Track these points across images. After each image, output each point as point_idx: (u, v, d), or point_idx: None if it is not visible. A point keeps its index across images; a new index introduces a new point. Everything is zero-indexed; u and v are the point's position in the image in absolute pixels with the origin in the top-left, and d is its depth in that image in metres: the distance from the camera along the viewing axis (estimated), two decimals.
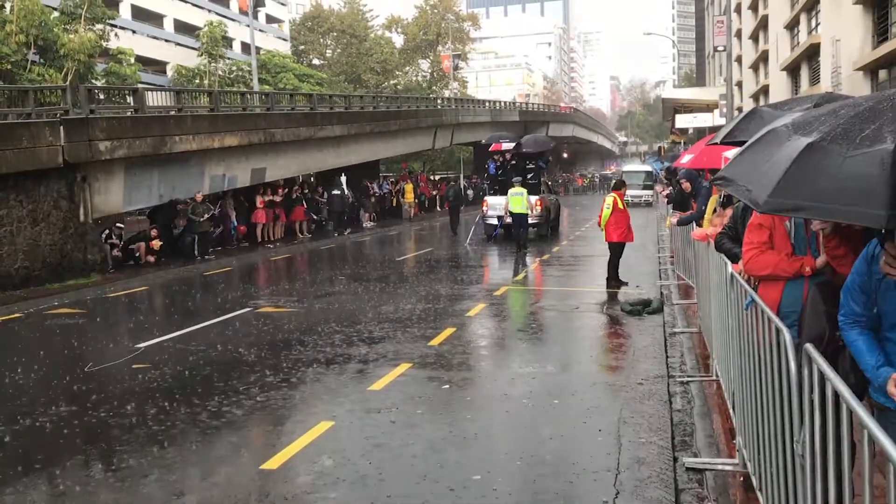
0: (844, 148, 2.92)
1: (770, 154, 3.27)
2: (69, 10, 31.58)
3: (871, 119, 3.04)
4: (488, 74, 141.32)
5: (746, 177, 3.46)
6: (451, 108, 43.90)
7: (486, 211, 24.45)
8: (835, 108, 3.46)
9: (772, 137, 3.48)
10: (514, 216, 21.40)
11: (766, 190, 3.06)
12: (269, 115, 24.97)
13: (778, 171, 3.04)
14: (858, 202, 2.76)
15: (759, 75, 29.70)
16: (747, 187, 3.40)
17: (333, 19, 70.30)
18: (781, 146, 3.21)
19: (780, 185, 2.99)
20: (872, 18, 14.78)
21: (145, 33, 53.09)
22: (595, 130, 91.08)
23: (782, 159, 3.08)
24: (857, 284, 3.36)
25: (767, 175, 3.13)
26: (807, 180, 2.94)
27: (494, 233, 23.97)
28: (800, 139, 3.12)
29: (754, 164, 3.45)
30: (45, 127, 16.48)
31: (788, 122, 3.50)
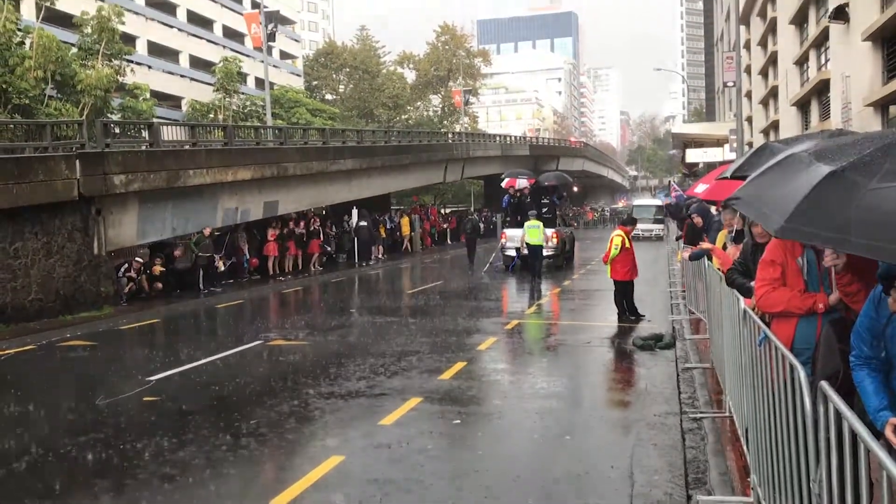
0: (867, 180, 2.87)
1: (789, 179, 3.22)
2: (87, 45, 32.11)
3: (889, 151, 3.01)
4: (499, 109, 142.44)
5: (763, 199, 3.45)
6: (461, 143, 44.18)
7: (505, 243, 25.33)
8: (855, 139, 3.46)
9: (791, 162, 3.46)
10: (530, 248, 22.15)
11: (783, 214, 3.00)
12: (282, 149, 25.19)
13: (797, 197, 2.98)
14: (880, 237, 2.70)
15: (769, 111, 29.80)
16: (763, 210, 3.37)
17: (346, 55, 71.18)
18: (801, 172, 3.17)
19: (798, 210, 2.93)
20: (882, 55, 14.86)
21: (161, 69, 53.87)
22: (605, 165, 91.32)
23: (802, 185, 3.02)
24: (865, 326, 3.36)
25: (786, 199, 3.08)
26: (827, 209, 2.87)
27: (512, 264, 24.77)
28: (821, 167, 3.07)
29: (772, 187, 3.42)
30: (62, 161, 16.67)
31: (810, 149, 3.47)
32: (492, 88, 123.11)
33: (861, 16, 15.60)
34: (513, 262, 24.76)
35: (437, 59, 71.99)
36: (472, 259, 28.29)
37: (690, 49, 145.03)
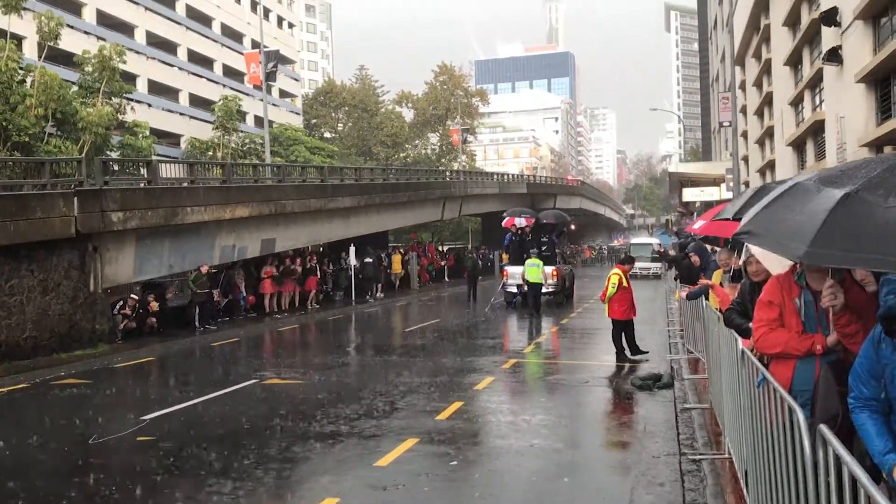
0: (883, 199, 2.88)
1: (800, 207, 3.19)
2: (88, 84, 32.37)
3: None
4: (496, 148, 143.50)
5: (776, 229, 3.41)
6: (459, 181, 44.39)
7: (506, 280, 26.07)
8: (859, 163, 3.45)
9: (799, 190, 3.44)
10: (529, 285, 22.82)
11: (804, 241, 2.96)
12: (280, 186, 25.28)
13: (815, 223, 2.95)
14: None
15: (764, 150, 30.01)
16: (779, 240, 3.33)
17: (345, 94, 71.89)
18: (812, 199, 3.16)
19: (819, 234, 2.89)
20: (875, 96, 15.02)
21: (161, 107, 54.30)
22: (602, 203, 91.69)
23: (817, 210, 3.00)
24: (864, 368, 3.33)
25: (802, 227, 3.04)
26: (847, 230, 2.86)
27: (513, 300, 25.58)
28: (832, 191, 3.06)
29: (783, 217, 3.39)
30: (60, 198, 16.71)
31: (814, 177, 3.47)
32: (489, 127, 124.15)
33: (854, 58, 15.81)
34: (514, 298, 25.46)
35: (436, 99, 72.67)
36: (472, 296, 28.92)
37: (686, 89, 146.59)
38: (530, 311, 22.79)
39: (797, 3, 21.94)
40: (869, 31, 15.48)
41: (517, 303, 25.31)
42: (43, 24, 29.28)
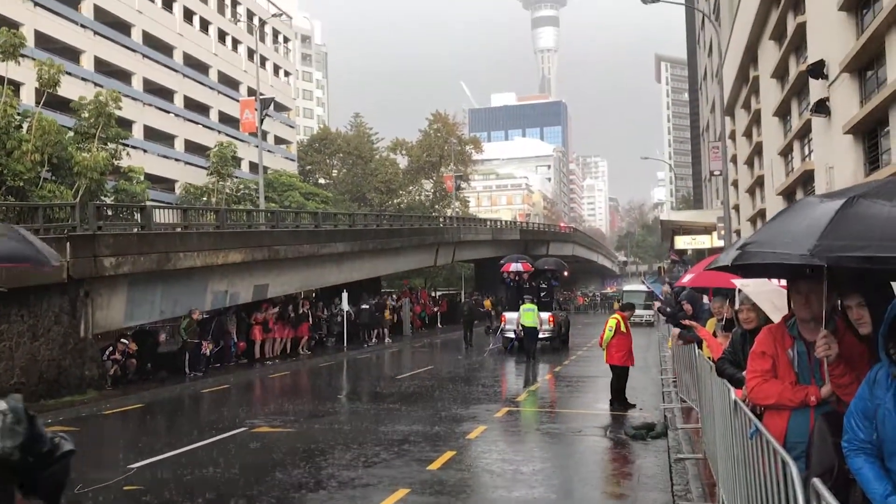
0: (886, 200, 2.97)
1: (804, 217, 3.24)
2: (84, 129, 32.58)
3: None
4: (490, 194, 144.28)
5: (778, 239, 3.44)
6: (452, 227, 44.54)
7: (504, 325, 26.60)
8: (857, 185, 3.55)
9: (802, 205, 3.52)
10: (525, 329, 23.30)
11: (810, 240, 2.98)
12: (273, 232, 25.32)
13: (821, 224, 2.99)
14: None
15: (755, 199, 30.26)
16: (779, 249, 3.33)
17: (340, 141, 72.49)
18: (816, 208, 3.22)
19: (827, 230, 2.94)
20: (863, 147, 15.22)
21: (156, 152, 54.58)
22: (595, 250, 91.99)
23: (823, 215, 3.04)
24: (860, 410, 3.30)
25: (809, 229, 3.07)
26: (856, 225, 2.91)
27: (511, 345, 26.00)
28: (836, 200, 3.13)
29: (786, 227, 3.43)
30: (52, 243, 16.65)
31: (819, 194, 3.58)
32: (483, 174, 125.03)
33: (841, 110, 16.06)
34: (511, 343, 25.93)
35: (430, 146, 73.30)
36: (468, 341, 29.45)
37: (677, 138, 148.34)
38: (526, 357, 23.00)
39: (785, 56, 22.35)
40: (855, 83, 15.75)
41: (514, 348, 25.65)
42: (43, 72, 29.56)
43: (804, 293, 4.30)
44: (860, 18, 15.52)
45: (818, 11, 18.09)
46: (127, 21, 51.82)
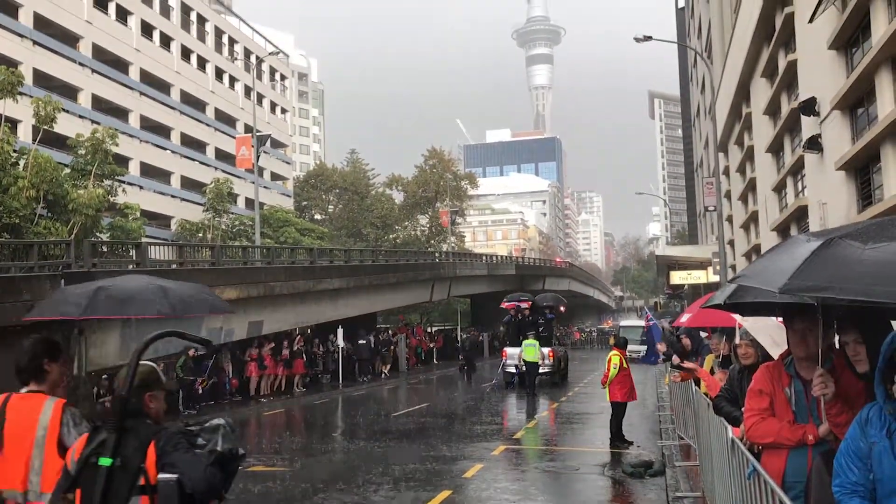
0: (862, 242, 3.11)
1: (789, 254, 3.40)
2: (80, 166, 32.65)
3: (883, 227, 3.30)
4: (485, 229, 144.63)
5: (763, 271, 3.59)
6: (448, 262, 44.57)
7: (506, 360, 27.05)
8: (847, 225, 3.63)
9: (790, 242, 3.67)
10: (527, 364, 24.00)
11: (785, 276, 3.13)
12: (269, 268, 25.30)
13: (798, 262, 3.15)
14: (876, 283, 2.88)
15: (750, 235, 30.37)
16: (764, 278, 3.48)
17: (336, 177, 72.77)
18: (801, 246, 3.36)
19: (799, 270, 3.08)
20: (856, 184, 15.32)
21: (152, 189, 54.70)
22: (591, 285, 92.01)
23: (802, 253, 3.21)
24: (851, 450, 3.27)
25: (787, 266, 3.22)
26: (827, 266, 3.05)
27: (512, 380, 26.41)
28: (819, 239, 3.30)
29: (773, 261, 3.58)
30: (46, 281, 16.64)
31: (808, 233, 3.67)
32: (478, 210, 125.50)
33: (833, 146, 16.20)
34: (512, 378, 26.42)
35: (425, 182, 73.59)
36: (469, 375, 30.31)
37: (671, 173, 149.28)
38: (527, 391, 23.60)
39: (777, 93, 22.59)
40: (847, 120, 15.91)
41: (515, 383, 26.16)
42: (40, 109, 29.72)
43: (800, 331, 4.31)
44: (850, 57, 15.72)
45: (808, 50, 18.34)
46: (125, 59, 52.26)
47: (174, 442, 3.33)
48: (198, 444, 3.40)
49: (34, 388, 4.23)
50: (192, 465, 3.27)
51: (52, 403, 4.16)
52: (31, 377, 4.25)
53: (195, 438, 3.43)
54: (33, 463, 4.06)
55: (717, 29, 37.14)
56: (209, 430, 3.50)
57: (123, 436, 3.32)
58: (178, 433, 3.42)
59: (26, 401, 4.18)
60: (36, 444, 4.07)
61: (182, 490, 3.22)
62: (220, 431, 3.52)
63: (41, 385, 4.25)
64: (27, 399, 4.19)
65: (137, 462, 3.28)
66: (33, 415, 4.11)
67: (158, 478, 3.24)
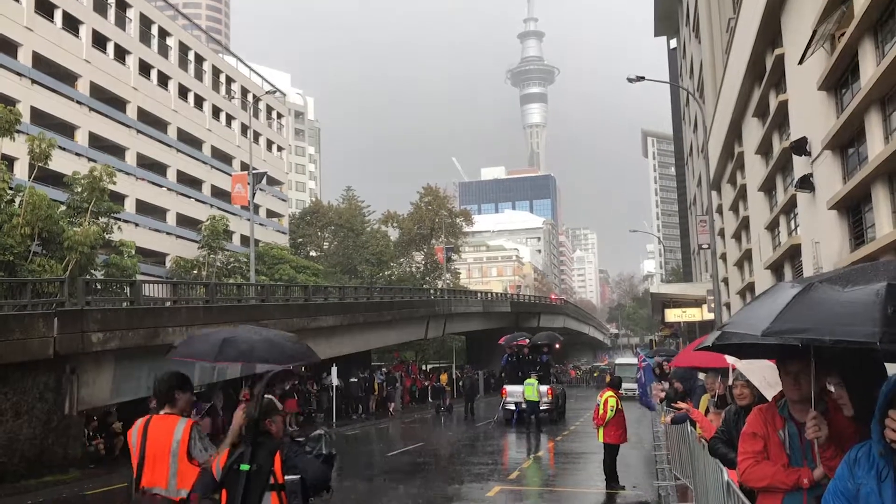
0: (841, 286, 3.19)
1: (772, 300, 3.47)
2: (76, 204, 32.72)
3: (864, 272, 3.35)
4: (480, 266, 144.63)
5: (748, 318, 3.63)
6: (443, 299, 44.51)
7: (506, 398, 27.71)
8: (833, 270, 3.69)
9: (775, 289, 3.72)
10: (528, 402, 24.74)
11: (768, 320, 3.21)
12: (263, 306, 25.25)
13: (780, 307, 3.24)
14: (853, 323, 2.96)
15: (744, 272, 30.43)
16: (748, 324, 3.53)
17: (332, 214, 72.96)
18: (785, 291, 3.43)
19: (780, 315, 3.17)
20: (848, 223, 15.41)
21: (148, 226, 54.71)
22: (586, 322, 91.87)
23: (785, 298, 3.30)
24: (839, 490, 3.25)
25: (770, 311, 3.29)
26: (806, 310, 3.15)
27: (512, 417, 27.02)
28: (801, 286, 3.38)
29: (757, 307, 3.63)
30: (40, 319, 16.56)
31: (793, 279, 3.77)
32: (473, 247, 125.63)
33: (825, 186, 16.32)
34: (513, 415, 27.06)
35: (421, 219, 73.80)
36: (469, 413, 30.83)
37: (665, 211, 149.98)
38: (528, 429, 24.36)
39: (768, 133, 22.80)
40: (838, 160, 16.05)
41: (515, 420, 26.79)
42: (35, 146, 29.86)
43: (793, 374, 4.31)
44: (839, 97, 15.92)
45: (799, 90, 18.57)
46: (122, 98, 52.63)
47: (294, 450, 4.76)
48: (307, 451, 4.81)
49: (168, 411, 5.58)
50: (311, 465, 4.72)
51: (183, 423, 5.50)
52: (167, 402, 5.62)
53: (305, 446, 4.87)
54: (171, 468, 5.39)
55: (708, 69, 37.62)
56: (314, 439, 5.00)
57: (256, 448, 4.67)
58: (293, 443, 4.93)
59: (163, 420, 5.52)
60: (171, 454, 5.39)
61: (304, 484, 4.63)
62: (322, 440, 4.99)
63: (173, 409, 5.59)
64: (164, 419, 5.53)
65: (268, 467, 4.61)
66: (169, 431, 5.45)
67: (286, 478, 4.60)
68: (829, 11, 14.47)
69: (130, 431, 5.64)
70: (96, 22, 49.66)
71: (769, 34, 20.73)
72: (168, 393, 5.65)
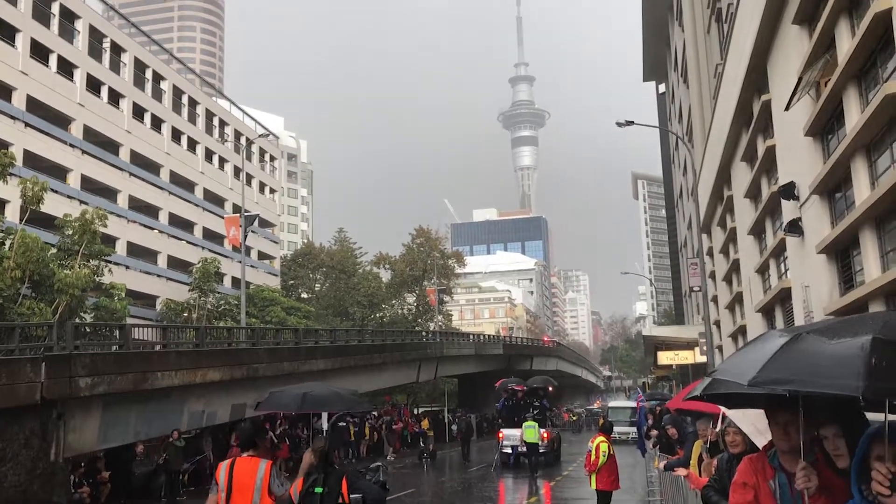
0: (827, 338, 3.25)
1: (760, 349, 3.51)
2: (67, 246, 32.67)
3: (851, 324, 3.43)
4: (472, 308, 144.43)
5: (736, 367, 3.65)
6: (435, 342, 44.33)
7: (503, 441, 28.14)
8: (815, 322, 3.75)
9: (764, 337, 3.80)
10: (528, 445, 25.17)
11: (754, 370, 3.26)
12: (253, 349, 25.09)
13: (766, 356, 3.28)
14: (838, 375, 3.00)
15: (735, 315, 30.44)
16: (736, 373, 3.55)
17: (324, 256, 72.96)
18: (773, 340, 3.49)
19: (766, 365, 3.21)
20: (837, 267, 15.49)
21: (139, 269, 54.57)
22: (579, 365, 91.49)
23: (772, 348, 3.34)
24: None
25: (756, 361, 3.34)
26: (791, 361, 3.19)
27: (510, 460, 27.62)
28: (788, 335, 3.44)
29: (746, 356, 3.69)
30: (27, 363, 16.40)
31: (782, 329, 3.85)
32: (465, 288, 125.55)
33: (813, 230, 16.42)
34: (510, 458, 27.62)
35: (413, 260, 73.86)
36: (466, 456, 31.29)
37: (656, 252, 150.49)
38: (530, 469, 24.80)
39: (757, 177, 23.00)
40: (825, 204, 16.17)
41: (512, 462, 27.43)
42: (27, 189, 29.89)
43: (782, 424, 4.31)
44: (826, 143, 16.11)
45: (786, 135, 18.78)
46: (116, 141, 52.87)
47: (357, 477, 6.15)
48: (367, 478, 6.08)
49: (251, 453, 6.71)
50: (371, 489, 6.16)
51: (264, 464, 6.61)
52: (250, 446, 6.80)
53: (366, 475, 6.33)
54: (254, 502, 6.44)
55: (697, 114, 38.07)
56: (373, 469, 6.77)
57: (327, 475, 6.11)
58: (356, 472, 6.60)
59: (247, 462, 6.65)
60: (255, 490, 6.46)
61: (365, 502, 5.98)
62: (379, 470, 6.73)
63: (256, 451, 6.76)
64: (248, 461, 6.66)
65: (337, 489, 6.00)
66: (253, 471, 6.56)
67: (351, 497, 5.94)
68: (814, 59, 14.73)
69: (218, 471, 6.72)
70: (91, 66, 50.13)
71: (756, 80, 21.04)
72: (250, 439, 6.89)
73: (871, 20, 11.21)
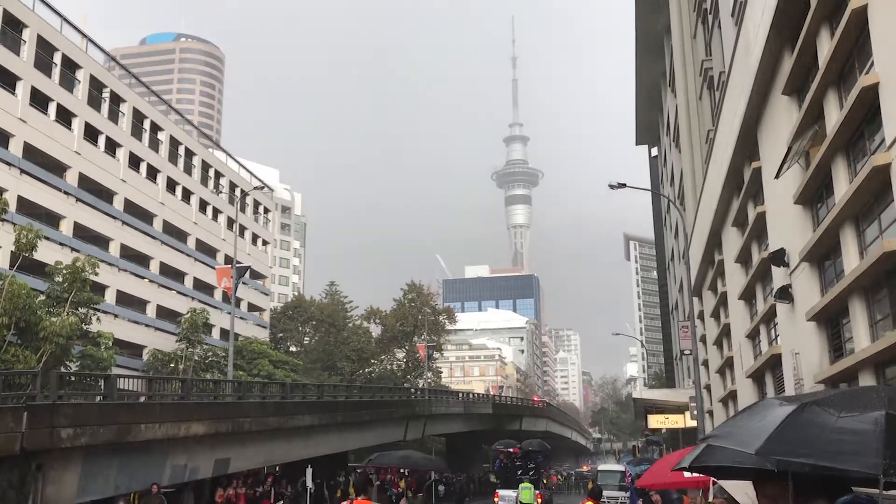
0: (837, 411, 3.19)
1: (761, 417, 3.43)
2: (55, 294, 32.45)
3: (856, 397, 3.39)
4: (462, 365, 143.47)
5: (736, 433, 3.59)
6: (424, 399, 43.92)
7: (498, 502, 28.53)
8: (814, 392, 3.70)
9: (762, 405, 3.71)
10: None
11: (759, 440, 3.17)
12: (239, 403, 24.79)
13: (772, 425, 3.20)
14: (855, 452, 2.98)
15: (725, 380, 30.31)
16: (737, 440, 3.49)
17: (314, 309, 72.66)
18: (774, 409, 3.42)
19: (773, 435, 3.14)
20: (827, 335, 15.50)
21: (127, 318, 54.18)
22: (569, 426, 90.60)
23: (776, 416, 3.26)
24: None
25: (760, 430, 3.25)
26: (801, 432, 3.13)
27: None
28: (791, 405, 3.35)
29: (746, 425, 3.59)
30: (8, 413, 16.15)
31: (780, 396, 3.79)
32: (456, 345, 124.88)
33: (803, 297, 16.48)
34: None
35: (404, 315, 73.62)
36: None
37: (648, 314, 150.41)
38: None
39: (747, 243, 23.16)
40: (815, 272, 16.26)
41: None
42: (21, 237, 29.84)
43: (770, 497, 4.26)
44: (815, 211, 16.28)
45: (776, 202, 18.98)
46: (110, 189, 53.03)
47: None
48: None
49: (363, 497, 8.08)
50: None
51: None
52: (362, 493, 8.30)
53: None
54: None
55: (688, 178, 38.51)
56: None
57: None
58: None
59: None
60: None
61: None
62: None
63: (366, 496, 7.97)
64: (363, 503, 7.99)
65: None
66: None
67: None
68: (803, 129, 14.99)
69: None
70: (89, 115, 50.59)
71: (746, 148, 21.35)
72: (363, 487, 8.93)
73: (859, 93, 11.45)
